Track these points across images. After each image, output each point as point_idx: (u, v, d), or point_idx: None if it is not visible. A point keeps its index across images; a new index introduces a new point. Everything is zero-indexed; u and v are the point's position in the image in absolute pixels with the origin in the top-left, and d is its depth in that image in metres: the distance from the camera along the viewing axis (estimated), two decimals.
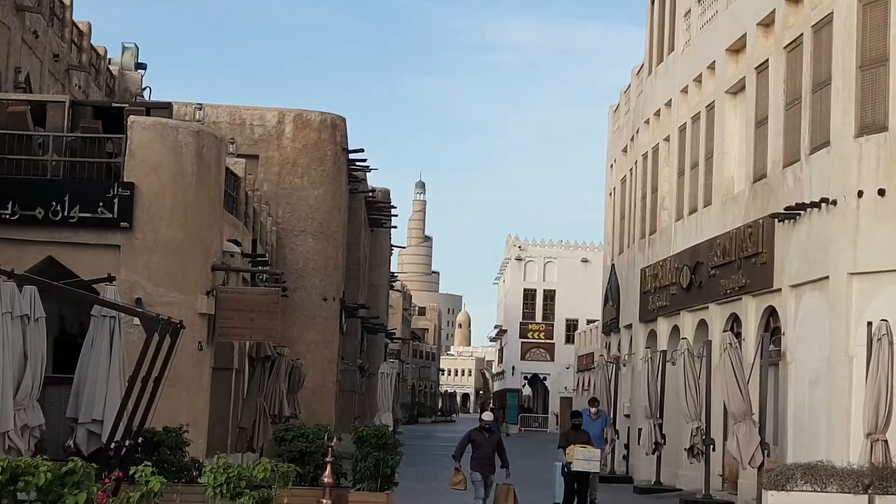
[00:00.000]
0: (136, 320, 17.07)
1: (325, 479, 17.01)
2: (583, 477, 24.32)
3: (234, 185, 28.26)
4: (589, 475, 24.53)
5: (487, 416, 22.80)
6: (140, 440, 16.32)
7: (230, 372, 26.44)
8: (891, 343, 20.05)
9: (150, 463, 10.83)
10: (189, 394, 21.76)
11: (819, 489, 18.95)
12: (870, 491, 18.84)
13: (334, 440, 17.92)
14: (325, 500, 16.91)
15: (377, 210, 58.02)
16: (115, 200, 21.30)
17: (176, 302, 21.27)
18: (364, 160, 46.83)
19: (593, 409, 30.28)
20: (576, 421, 25.33)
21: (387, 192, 59.83)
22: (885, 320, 20.32)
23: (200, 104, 40.18)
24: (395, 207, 60.86)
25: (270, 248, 37.20)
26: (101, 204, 21.29)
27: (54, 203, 21.14)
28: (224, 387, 26.01)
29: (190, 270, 22.13)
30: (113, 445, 15.49)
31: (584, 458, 23.72)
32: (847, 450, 21.67)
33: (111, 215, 21.28)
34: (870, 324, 20.96)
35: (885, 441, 20.00)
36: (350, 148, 44.76)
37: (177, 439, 17.87)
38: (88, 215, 21.24)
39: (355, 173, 47.91)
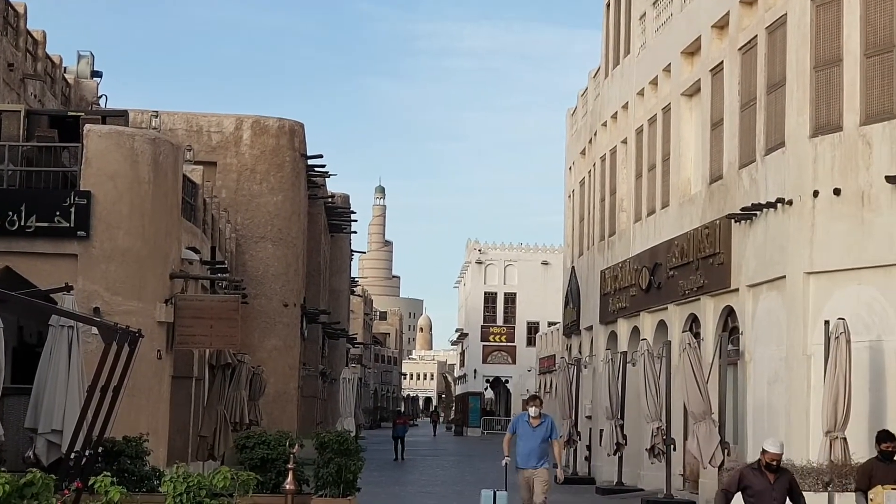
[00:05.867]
0: (95, 330, 17.01)
1: (287, 486, 16.96)
2: None
3: (192, 193, 28.18)
4: None
5: (773, 444, 14.29)
6: (100, 450, 16.26)
7: (190, 380, 26.35)
8: (848, 342, 20.21)
9: (109, 473, 10.77)
10: (149, 403, 21.68)
11: None
12: (829, 488, 19.02)
13: (296, 447, 17.85)
14: None
15: (337, 215, 57.99)
16: (72, 209, 21.21)
17: (134, 311, 21.21)
18: (323, 166, 46.89)
19: (533, 411, 20.11)
20: (888, 446, 16.53)
21: (346, 198, 59.80)
22: (843, 319, 20.49)
23: (156, 112, 40.06)
24: (355, 213, 60.90)
25: (230, 255, 37.09)
26: (57, 213, 21.20)
27: (10, 213, 21.03)
28: (184, 395, 25.92)
29: (148, 279, 22.05)
30: (73, 456, 15.41)
31: None
32: (806, 448, 21.82)
33: (68, 224, 21.19)
34: (827, 322, 21.14)
35: (844, 439, 20.14)
36: (309, 154, 44.75)
37: (137, 449, 17.78)
38: (45, 225, 21.15)
39: (314, 179, 47.92)
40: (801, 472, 19.16)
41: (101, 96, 39.07)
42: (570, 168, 49.71)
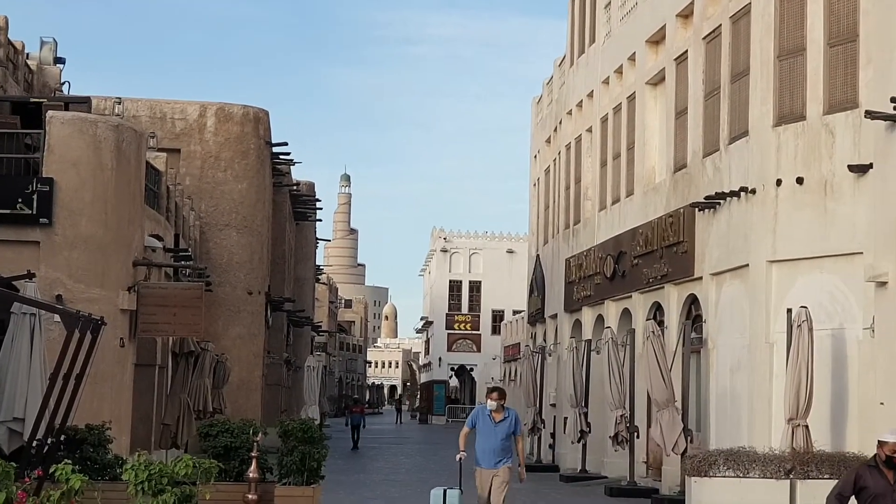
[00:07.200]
0: (57, 317, 16.89)
1: (251, 474, 16.94)
2: None
3: (156, 180, 28.03)
4: None
5: (893, 434, 12.01)
6: (62, 438, 16.17)
7: (153, 368, 26.24)
8: (810, 329, 20.35)
9: (71, 461, 10.73)
10: (111, 391, 21.57)
11: (741, 475, 19.21)
12: (791, 476, 19.12)
13: (259, 435, 17.81)
14: (250, 496, 16.82)
15: (302, 203, 57.82)
16: (34, 196, 21.06)
17: (97, 298, 21.09)
18: (288, 153, 46.71)
19: (495, 405, 17.61)
20: None
21: (311, 186, 59.64)
22: (805, 307, 20.63)
23: (120, 98, 39.81)
24: (320, 200, 60.76)
25: (194, 242, 36.94)
26: (19, 200, 21.04)
27: None
28: (147, 383, 25.81)
29: (111, 266, 21.93)
30: (35, 444, 15.32)
31: None
32: (769, 435, 21.95)
33: (30, 211, 21.04)
34: (789, 311, 21.26)
35: (806, 426, 20.30)
36: (274, 141, 44.57)
37: (99, 437, 17.69)
38: (7, 212, 20.98)
39: (279, 167, 47.73)
40: (762, 460, 19.31)
41: (63, 83, 38.78)
42: (536, 156, 49.75)
